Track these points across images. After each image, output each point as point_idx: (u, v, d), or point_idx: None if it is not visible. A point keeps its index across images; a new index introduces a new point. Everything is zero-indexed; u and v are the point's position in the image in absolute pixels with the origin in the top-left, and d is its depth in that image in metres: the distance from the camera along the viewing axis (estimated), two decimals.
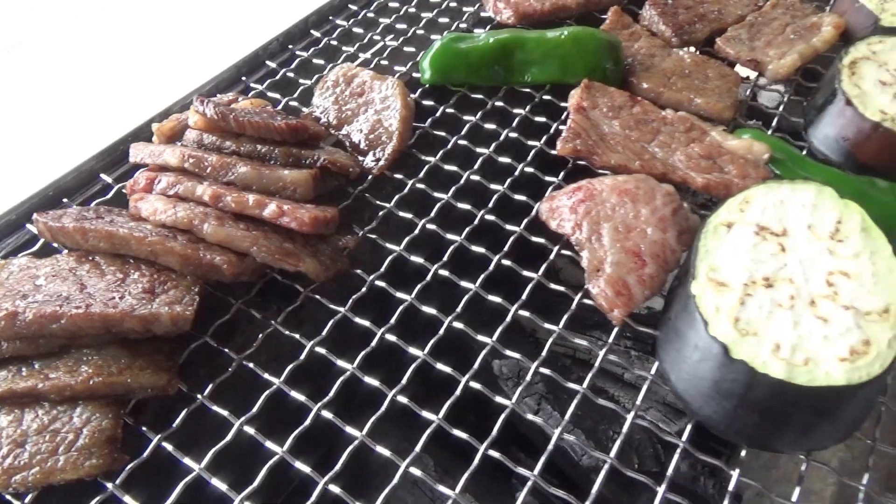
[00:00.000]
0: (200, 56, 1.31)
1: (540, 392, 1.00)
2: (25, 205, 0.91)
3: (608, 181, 0.90)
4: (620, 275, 0.81)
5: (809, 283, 0.76)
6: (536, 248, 0.89)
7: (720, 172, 0.94)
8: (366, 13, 1.29)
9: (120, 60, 1.68)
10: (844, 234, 0.80)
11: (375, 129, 1.00)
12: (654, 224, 0.84)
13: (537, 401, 1.00)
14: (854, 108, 0.99)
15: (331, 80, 1.08)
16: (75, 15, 2.72)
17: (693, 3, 1.26)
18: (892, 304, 0.73)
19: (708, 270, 0.77)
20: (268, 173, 0.85)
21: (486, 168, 0.99)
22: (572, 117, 1.02)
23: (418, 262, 0.86)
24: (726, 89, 1.08)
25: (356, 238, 0.88)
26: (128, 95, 1.19)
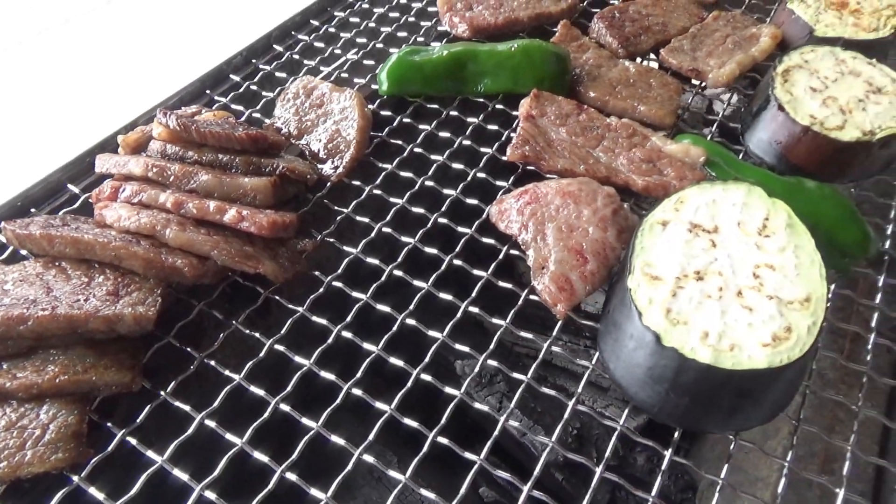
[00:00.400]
0: (166, 70, 1.34)
1: (502, 390, 1.05)
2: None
3: (553, 184, 0.95)
4: (563, 272, 0.86)
5: (737, 276, 0.81)
6: (486, 248, 0.93)
7: (659, 175, 1.00)
8: (327, 28, 1.34)
9: (87, 74, 1.71)
10: (771, 230, 0.86)
11: (334, 138, 1.05)
12: (595, 224, 0.90)
13: (499, 399, 1.04)
14: (786, 113, 1.06)
15: (291, 93, 1.12)
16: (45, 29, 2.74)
17: (639, 16, 1.32)
18: (813, 294, 0.79)
19: (643, 265, 0.83)
20: (228, 181, 0.89)
21: (440, 174, 1.04)
22: (521, 125, 1.07)
23: (374, 264, 0.91)
24: (668, 97, 1.15)
25: (315, 241, 0.92)
26: (95, 108, 1.22)
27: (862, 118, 1.06)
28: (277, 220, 0.85)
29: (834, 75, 1.13)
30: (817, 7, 1.33)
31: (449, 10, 1.31)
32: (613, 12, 1.32)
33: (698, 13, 1.37)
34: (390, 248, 0.93)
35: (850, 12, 1.33)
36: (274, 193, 0.91)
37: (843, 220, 0.95)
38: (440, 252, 0.92)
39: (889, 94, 1.10)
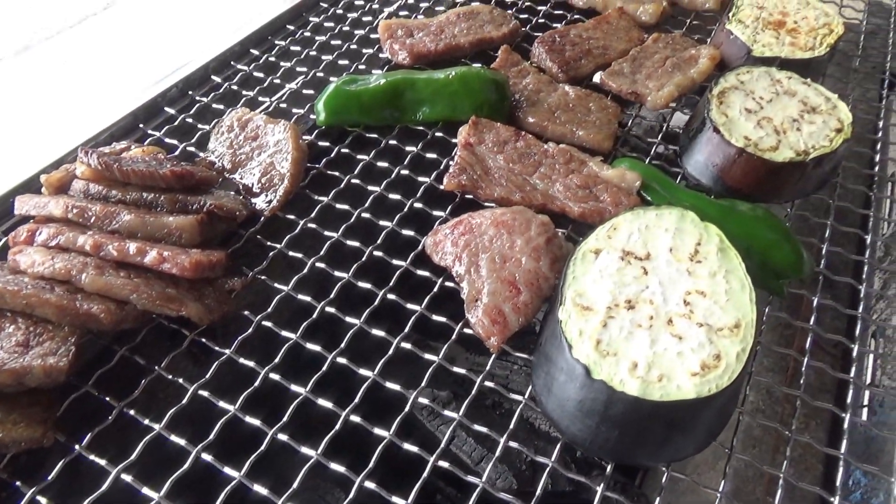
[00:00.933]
0: (98, 104, 1.31)
1: (434, 429, 1.01)
2: None
3: (487, 214, 0.94)
4: (496, 304, 0.85)
5: (668, 303, 0.81)
6: (422, 281, 0.92)
7: (595, 201, 1.00)
8: (267, 57, 1.33)
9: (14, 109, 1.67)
10: (703, 256, 0.86)
11: (268, 171, 1.03)
12: (528, 254, 0.89)
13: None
14: (721, 135, 1.06)
15: (226, 125, 1.11)
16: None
17: (580, 40, 1.33)
18: (743, 320, 0.79)
19: (574, 296, 0.82)
20: (152, 220, 0.87)
21: (376, 205, 1.03)
22: (459, 153, 1.07)
23: (306, 301, 0.89)
24: (606, 121, 1.15)
25: (244, 279, 0.90)
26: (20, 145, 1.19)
27: (796, 138, 1.07)
28: (202, 261, 0.83)
29: (769, 95, 1.14)
30: (755, 27, 1.35)
31: (390, 37, 1.31)
32: (554, 36, 1.33)
33: (639, 36, 1.38)
34: (323, 283, 0.91)
35: (788, 31, 1.35)
36: (200, 232, 0.88)
37: (776, 242, 0.95)
38: (374, 286, 0.91)
39: (823, 113, 1.12)
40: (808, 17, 1.38)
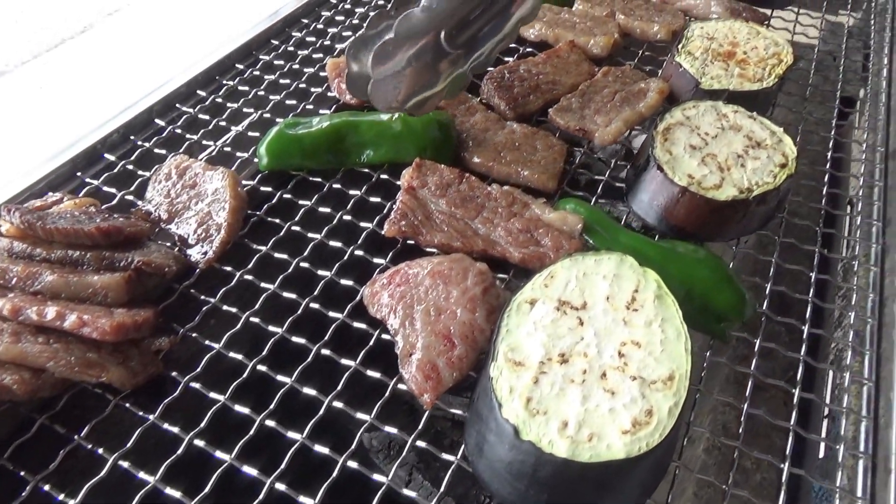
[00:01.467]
0: (36, 153, 1.29)
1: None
2: None
3: (425, 264, 0.92)
4: (430, 358, 0.83)
5: (602, 356, 0.79)
6: (358, 334, 0.90)
7: (536, 246, 0.98)
8: (214, 98, 1.31)
9: None
10: (640, 303, 0.85)
11: (205, 221, 1.01)
12: (464, 305, 0.87)
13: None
14: (664, 174, 1.05)
15: (163, 173, 1.09)
16: None
17: (529, 75, 1.32)
18: (677, 371, 0.78)
19: (507, 350, 0.80)
20: (76, 280, 0.85)
21: (316, 254, 1.01)
22: (401, 198, 1.05)
23: (237, 360, 0.86)
24: (552, 160, 1.14)
25: (173, 338, 0.88)
26: None
27: (740, 175, 1.06)
28: (125, 323, 0.81)
29: (714, 131, 1.14)
30: (704, 59, 1.35)
31: (337, 76, 1.30)
32: (503, 72, 1.32)
33: (589, 69, 1.38)
34: (256, 339, 0.89)
35: (737, 63, 1.34)
36: (128, 290, 0.86)
37: (717, 284, 0.94)
38: (308, 341, 0.89)
39: (768, 147, 1.11)
40: (758, 47, 1.38)
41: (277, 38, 1.48)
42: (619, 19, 1.50)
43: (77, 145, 1.16)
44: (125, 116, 1.23)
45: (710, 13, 1.55)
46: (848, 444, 0.82)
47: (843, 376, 0.89)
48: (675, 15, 1.53)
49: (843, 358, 0.92)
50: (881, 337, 0.92)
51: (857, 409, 0.84)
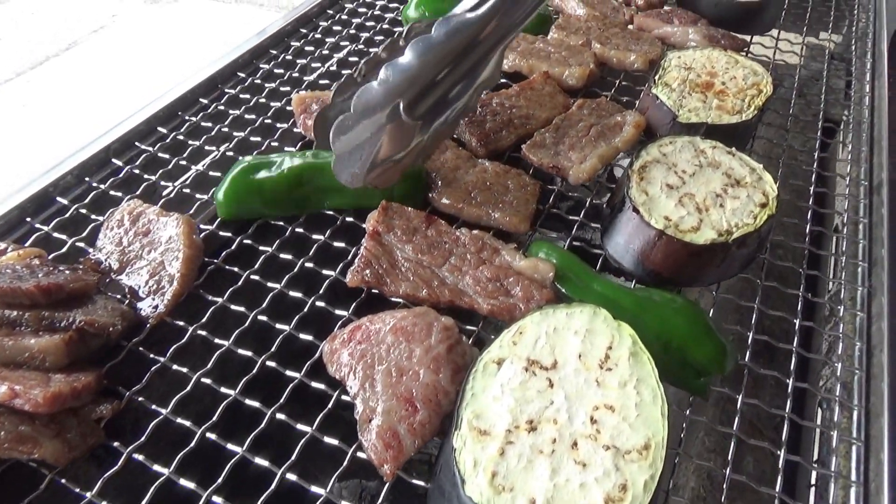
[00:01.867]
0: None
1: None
2: None
3: (387, 318, 0.87)
4: (391, 424, 0.78)
5: (573, 422, 0.75)
6: (316, 395, 0.85)
7: (506, 296, 0.94)
8: (175, 136, 1.26)
9: None
10: (614, 361, 0.80)
11: (157, 272, 0.96)
12: (427, 365, 0.82)
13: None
14: (640, 216, 1.01)
15: (116, 219, 1.03)
16: None
17: (501, 109, 1.28)
18: (653, 439, 0.73)
19: (471, 418, 0.75)
20: (11, 344, 0.79)
21: (275, 305, 0.96)
22: (365, 244, 1.00)
23: (185, 426, 0.81)
24: (524, 201, 1.09)
25: (116, 404, 0.82)
26: None
27: (718, 216, 1.02)
28: (61, 392, 0.75)
29: (692, 168, 1.10)
30: (681, 90, 1.31)
31: (303, 112, 1.25)
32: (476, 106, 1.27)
33: (564, 101, 1.34)
34: (207, 403, 0.83)
35: (715, 94, 1.31)
36: (68, 353, 0.81)
37: (696, 335, 0.90)
38: (262, 405, 0.83)
39: (747, 185, 1.07)
40: (737, 77, 1.34)
41: (244, 71, 1.44)
42: (594, 48, 1.47)
43: (28, 189, 1.10)
44: (81, 156, 1.17)
45: (689, 41, 1.52)
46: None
47: (830, 434, 0.85)
48: (652, 43, 1.50)
49: (831, 414, 0.87)
50: (869, 390, 0.88)
51: (847, 472, 0.80)
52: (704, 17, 1.60)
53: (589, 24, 1.55)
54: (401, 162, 0.96)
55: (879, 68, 1.55)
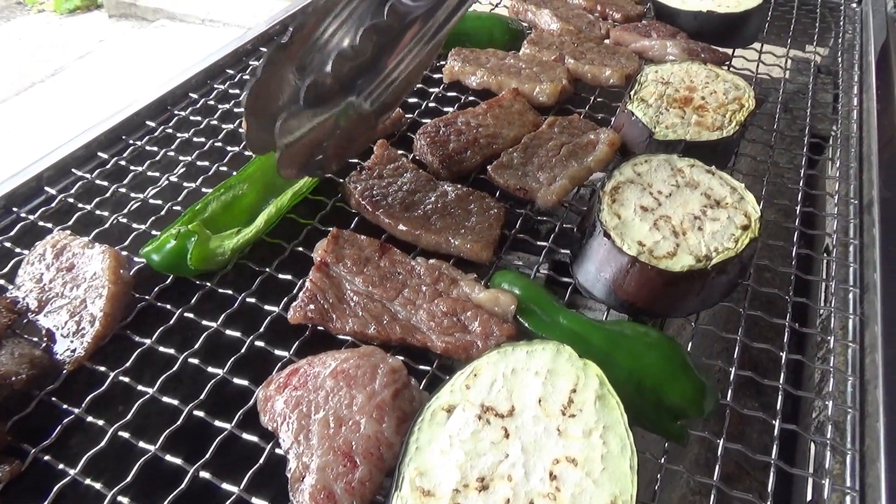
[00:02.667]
0: None
1: None
2: None
3: (328, 360, 0.78)
4: (325, 483, 0.69)
5: (530, 479, 0.66)
6: (247, 449, 0.75)
7: (463, 332, 0.85)
8: (117, 161, 1.17)
9: None
10: (578, 406, 0.71)
11: (78, 311, 0.87)
12: (370, 414, 0.73)
13: None
14: (612, 241, 0.93)
15: (38, 253, 0.94)
16: None
17: (467, 128, 1.20)
18: (620, 497, 0.64)
19: (414, 476, 0.66)
20: None
21: (209, 346, 0.87)
22: (311, 277, 0.91)
23: (94, 489, 0.71)
24: (487, 227, 1.01)
25: (16, 466, 0.73)
26: None
27: (696, 240, 0.93)
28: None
29: (669, 189, 1.02)
30: (658, 106, 1.24)
31: None
32: (438, 125, 1.20)
33: (535, 119, 1.26)
34: (122, 460, 0.74)
35: (694, 109, 1.24)
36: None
37: (672, 373, 0.81)
38: (185, 462, 0.74)
39: (728, 206, 0.99)
40: (717, 92, 1.27)
41: (197, 91, 1.36)
42: (568, 64, 1.40)
43: None
44: (10, 184, 1.09)
45: (667, 55, 1.45)
46: None
47: (822, 483, 0.76)
48: (629, 58, 1.43)
49: (823, 459, 0.78)
50: (864, 431, 0.79)
51: (840, 478, 0.71)
52: (684, 31, 1.54)
53: (563, 38, 1.48)
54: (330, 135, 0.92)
55: (867, 81, 1.48)
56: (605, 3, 1.64)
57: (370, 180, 1.08)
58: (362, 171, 1.10)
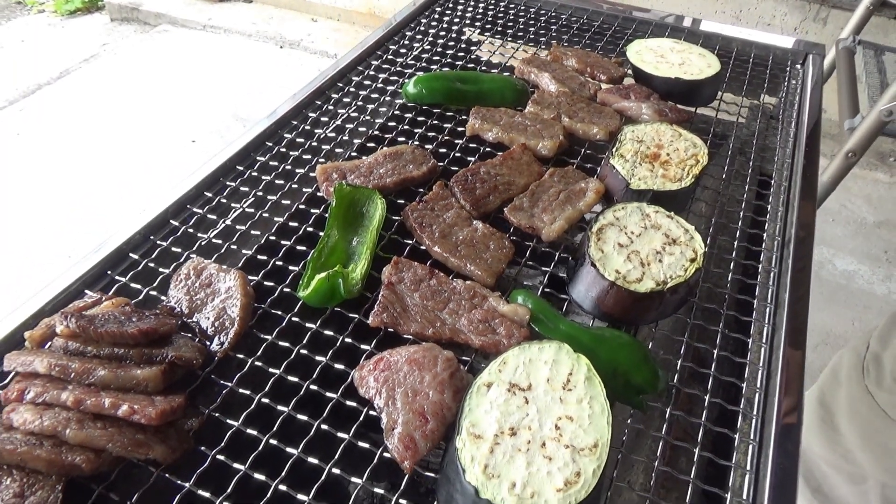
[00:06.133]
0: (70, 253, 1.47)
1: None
2: None
3: (403, 352, 1.15)
4: (408, 432, 1.05)
5: (543, 429, 1.02)
6: (350, 411, 1.12)
7: (493, 334, 1.22)
8: (219, 199, 1.53)
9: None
10: (573, 384, 1.08)
11: (220, 315, 1.22)
12: (435, 387, 1.09)
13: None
14: (597, 269, 1.30)
15: (183, 273, 1.30)
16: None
17: (488, 177, 1.57)
18: (600, 440, 1.01)
19: (469, 426, 1.02)
20: (123, 374, 1.05)
21: (313, 341, 1.23)
22: (382, 292, 1.28)
23: (252, 435, 1.07)
24: (497, 260, 1.37)
25: (201, 418, 1.09)
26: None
27: (657, 269, 1.31)
28: (166, 409, 1.01)
29: (639, 230, 1.39)
30: (634, 161, 1.61)
31: (325, 180, 1.53)
32: (467, 175, 1.56)
33: (539, 170, 1.63)
34: (267, 417, 1.10)
35: (661, 164, 1.61)
36: (164, 380, 1.07)
37: (636, 364, 1.18)
38: (310, 418, 1.10)
39: (681, 244, 1.36)
40: (679, 149, 1.65)
41: (271, 140, 1.72)
42: (564, 122, 1.77)
43: (106, 246, 1.37)
44: (145, 217, 1.44)
45: (642, 114, 1.83)
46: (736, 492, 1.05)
47: (734, 437, 1.13)
48: (612, 116, 1.80)
49: (739, 422, 1.16)
50: (766, 403, 1.17)
51: (747, 434, 1.09)
52: (657, 92, 1.92)
53: (559, 98, 1.85)
54: None
55: (800, 134, 1.87)
56: (594, 65, 2.02)
57: (424, 210, 1.45)
58: (420, 202, 1.46)
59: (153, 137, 5.30)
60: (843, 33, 3.25)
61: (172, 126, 5.46)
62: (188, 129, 5.44)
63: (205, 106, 5.71)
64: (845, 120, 2.64)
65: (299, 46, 6.73)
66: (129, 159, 5.05)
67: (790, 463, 1.05)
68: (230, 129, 5.43)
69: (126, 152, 5.13)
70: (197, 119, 5.56)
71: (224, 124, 5.52)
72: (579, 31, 2.33)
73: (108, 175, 4.86)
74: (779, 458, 1.06)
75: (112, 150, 5.16)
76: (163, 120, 5.52)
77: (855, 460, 2.02)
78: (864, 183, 4.88)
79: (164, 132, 5.36)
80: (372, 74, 2.01)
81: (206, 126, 5.48)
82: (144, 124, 5.47)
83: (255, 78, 6.17)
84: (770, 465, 1.05)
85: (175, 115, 5.58)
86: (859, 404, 1.96)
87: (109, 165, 4.97)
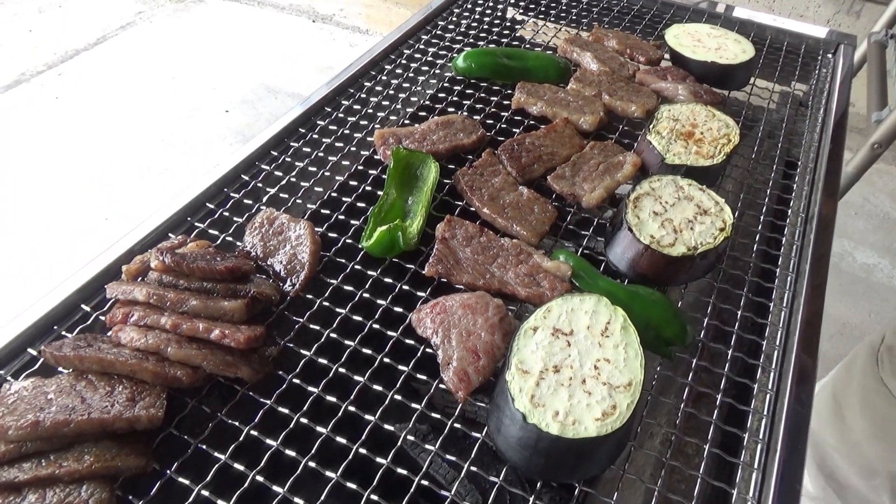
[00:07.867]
0: (153, 200, 1.61)
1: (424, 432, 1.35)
2: (26, 332, 1.21)
3: (457, 298, 1.28)
4: (462, 367, 1.19)
5: (583, 368, 1.15)
6: (408, 348, 1.25)
7: (537, 287, 1.34)
8: (284, 158, 1.66)
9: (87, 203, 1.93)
10: (611, 332, 1.20)
11: (291, 261, 1.36)
12: (486, 329, 1.22)
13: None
14: (633, 234, 1.42)
15: (257, 222, 1.44)
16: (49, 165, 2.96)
17: (533, 147, 1.68)
18: (633, 379, 1.13)
19: (517, 363, 1.15)
20: (212, 305, 1.19)
21: (375, 287, 1.36)
22: (437, 246, 1.41)
23: (323, 363, 1.21)
24: (541, 223, 1.49)
25: (279, 347, 1.23)
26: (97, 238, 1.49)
27: (689, 236, 1.42)
28: (251, 336, 1.15)
29: (673, 200, 1.50)
30: (669, 138, 1.72)
31: (382, 144, 1.65)
32: (513, 144, 1.68)
33: (580, 142, 1.75)
34: (336, 350, 1.24)
35: (695, 142, 1.71)
36: (247, 312, 1.21)
37: (667, 319, 1.30)
38: (373, 352, 1.24)
39: (711, 215, 1.48)
40: (713, 129, 1.75)
41: (330, 106, 1.84)
42: (604, 99, 1.88)
43: (186, 195, 1.51)
44: (220, 171, 1.58)
45: (678, 95, 1.93)
46: (753, 433, 1.18)
47: (754, 386, 1.25)
48: (649, 96, 1.90)
49: (758, 374, 1.28)
50: (784, 358, 1.28)
51: (765, 385, 1.21)
52: (692, 75, 2.01)
53: (600, 77, 1.96)
54: None
55: (828, 120, 1.96)
56: (633, 47, 2.12)
57: (475, 175, 1.57)
58: (470, 167, 1.59)
59: (186, 105, 5.45)
60: (876, 27, 3.29)
61: (205, 95, 5.59)
62: (221, 98, 5.57)
63: (237, 76, 5.84)
64: (873, 112, 2.71)
65: (332, 21, 6.82)
66: (163, 125, 5.20)
67: (804, 409, 1.17)
68: (262, 101, 5.56)
69: (159, 118, 5.28)
70: (229, 89, 5.69)
71: (255, 95, 5.64)
72: (619, 14, 2.42)
73: (141, 139, 5.02)
74: (794, 404, 1.18)
75: (146, 116, 5.31)
76: (196, 89, 5.66)
77: (866, 454, 2.09)
78: (889, 178, 4.91)
79: (197, 101, 5.50)
80: (422, 48, 2.12)
81: (238, 96, 5.61)
82: (178, 92, 5.61)
83: (287, 50, 6.28)
84: (786, 410, 1.17)
85: (208, 85, 5.72)
86: (873, 395, 2.01)
87: (143, 130, 5.13)
